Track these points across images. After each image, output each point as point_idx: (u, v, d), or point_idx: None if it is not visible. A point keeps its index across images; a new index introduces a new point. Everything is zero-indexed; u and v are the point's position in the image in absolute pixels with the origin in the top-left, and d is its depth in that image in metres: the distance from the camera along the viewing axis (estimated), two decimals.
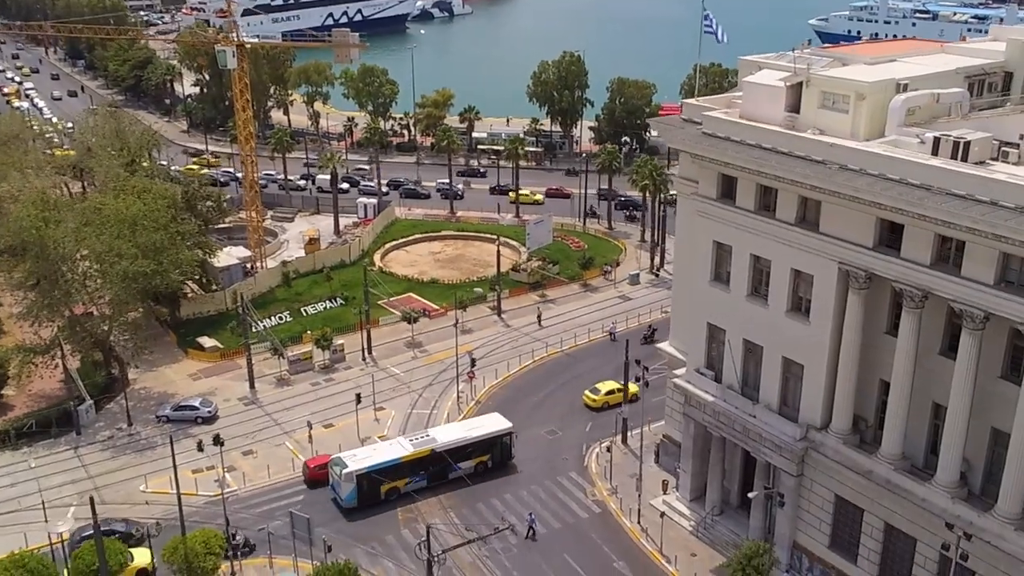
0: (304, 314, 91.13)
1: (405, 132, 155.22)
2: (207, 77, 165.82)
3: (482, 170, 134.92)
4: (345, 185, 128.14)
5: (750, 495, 52.67)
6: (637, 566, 56.29)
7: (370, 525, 60.03)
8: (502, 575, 55.56)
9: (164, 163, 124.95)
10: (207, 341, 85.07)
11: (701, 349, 57.39)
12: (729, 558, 52.20)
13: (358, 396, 70.48)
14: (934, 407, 46.87)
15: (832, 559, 51.94)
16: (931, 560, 46.60)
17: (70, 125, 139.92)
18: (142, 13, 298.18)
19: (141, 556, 54.70)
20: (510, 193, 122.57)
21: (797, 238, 49.23)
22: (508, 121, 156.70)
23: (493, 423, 66.34)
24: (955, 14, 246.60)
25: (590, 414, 72.88)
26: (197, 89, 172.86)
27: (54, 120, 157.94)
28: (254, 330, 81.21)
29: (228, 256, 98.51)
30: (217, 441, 64.06)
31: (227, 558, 55.10)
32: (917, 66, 52.29)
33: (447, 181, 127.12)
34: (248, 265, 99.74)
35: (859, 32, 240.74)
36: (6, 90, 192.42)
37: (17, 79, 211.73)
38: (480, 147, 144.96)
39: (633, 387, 69.84)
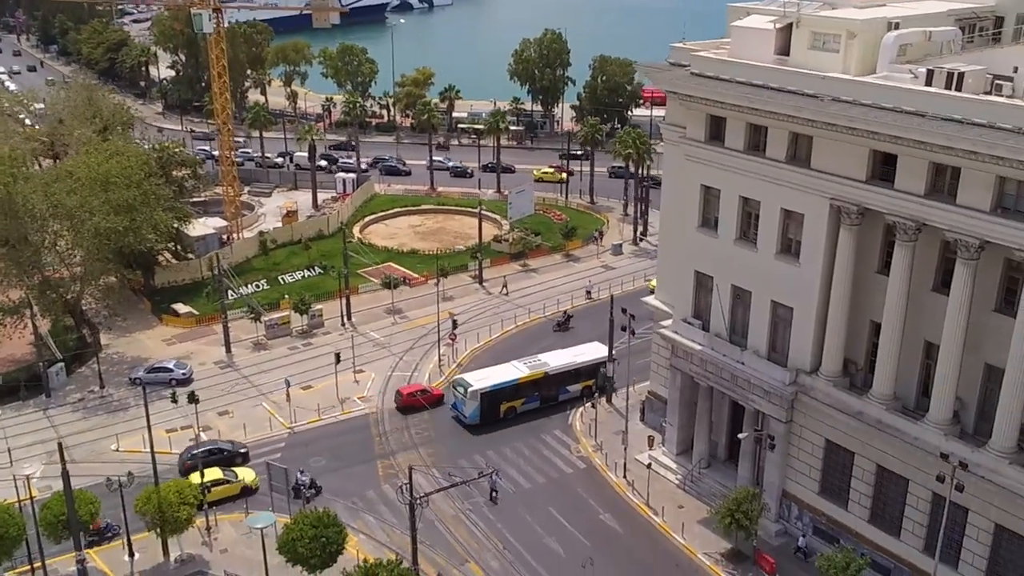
0: (282, 282, 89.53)
1: (384, 112, 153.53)
2: (183, 58, 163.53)
3: (353, 143, 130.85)
4: (323, 162, 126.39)
5: (740, 436, 51.61)
6: (623, 518, 55.19)
7: (350, 480, 58.54)
8: (486, 527, 54.26)
9: (139, 142, 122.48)
10: (182, 308, 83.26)
11: (688, 299, 56.37)
12: (717, 506, 51.12)
13: (337, 355, 69.09)
14: (926, 346, 46.05)
15: (822, 505, 51.03)
16: (923, 500, 45.79)
17: (40, 105, 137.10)
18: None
19: (244, 473, 57.78)
20: (535, 171, 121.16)
21: (788, 176, 48.34)
22: (495, 103, 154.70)
23: (598, 351, 67.97)
24: None
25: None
26: (173, 72, 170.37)
27: (24, 101, 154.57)
28: (231, 296, 79.56)
29: (203, 226, 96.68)
30: (192, 399, 62.47)
31: (201, 510, 53.64)
32: (908, 8, 51.52)
33: (440, 158, 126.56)
34: (224, 236, 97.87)
35: None
36: None
37: None
38: (460, 126, 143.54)
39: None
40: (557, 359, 67.23)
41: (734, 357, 52.83)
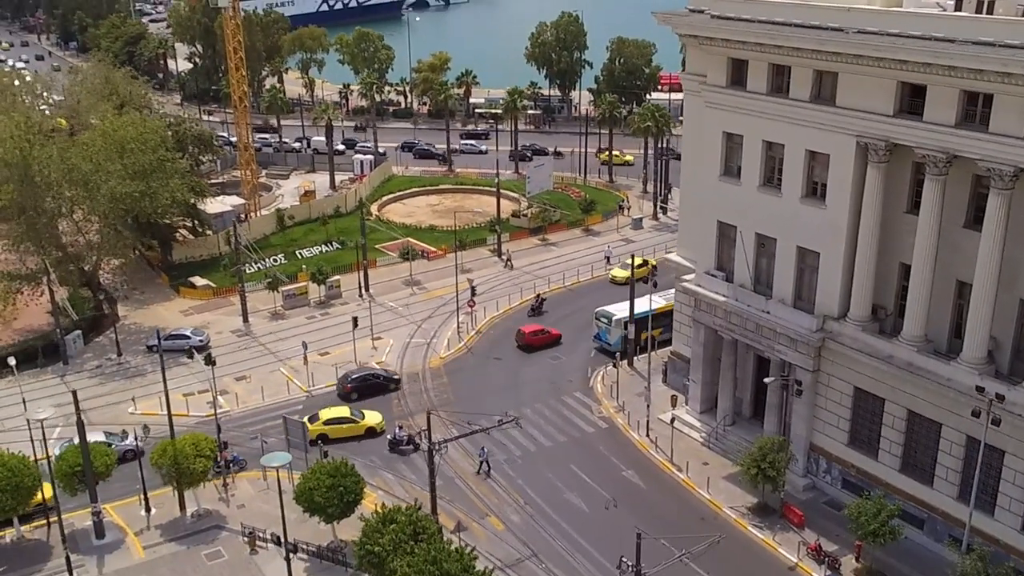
0: (299, 256, 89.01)
1: (401, 99, 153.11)
2: (200, 49, 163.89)
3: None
4: (341, 147, 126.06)
5: (766, 380, 50.40)
6: (647, 475, 54.05)
7: (369, 439, 57.81)
8: (506, 483, 53.29)
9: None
10: (199, 280, 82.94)
11: (711, 251, 55.24)
12: (741, 458, 49.82)
13: (355, 319, 68.44)
14: (958, 286, 44.76)
15: (851, 457, 49.68)
16: (957, 445, 44.38)
17: (59, 97, 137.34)
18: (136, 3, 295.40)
19: (371, 416, 58.89)
20: (600, 155, 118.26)
21: (812, 116, 47.17)
22: (516, 88, 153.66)
23: None
24: None
25: (595, 341, 70.63)
26: (190, 64, 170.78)
27: (45, 94, 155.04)
28: (253, 267, 79.21)
29: (221, 204, 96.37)
30: (209, 360, 61.76)
31: (219, 472, 53.14)
32: None
33: (472, 142, 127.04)
34: (241, 215, 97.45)
35: None
36: None
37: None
38: (478, 111, 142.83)
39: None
40: None
41: (759, 307, 51.62)
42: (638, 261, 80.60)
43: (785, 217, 49.99)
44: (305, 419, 57.82)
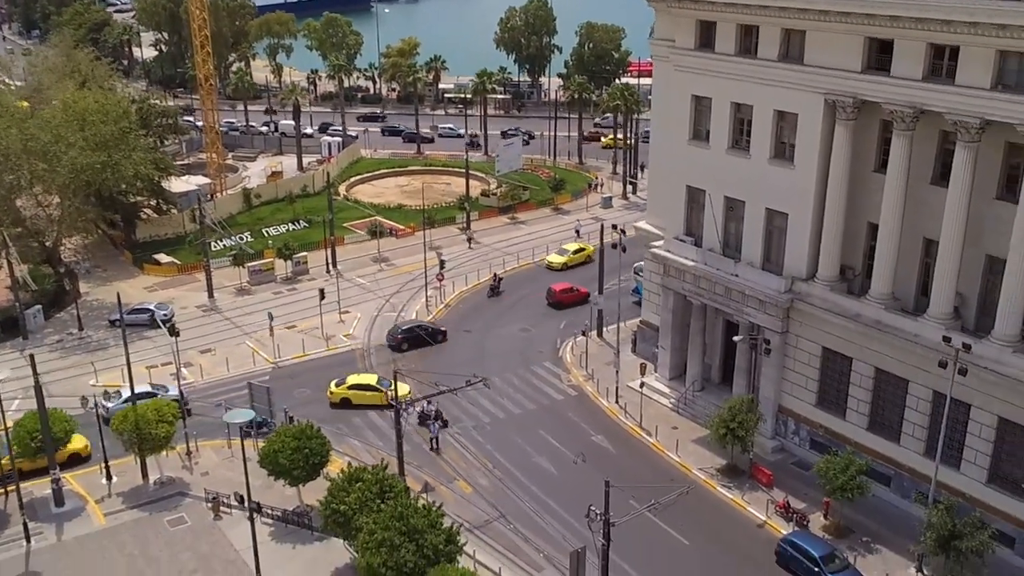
0: (266, 235, 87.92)
1: (370, 84, 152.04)
2: (165, 36, 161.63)
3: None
4: (310, 130, 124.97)
5: (735, 339, 50.33)
6: (616, 440, 53.83)
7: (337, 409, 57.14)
8: (475, 449, 52.85)
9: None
10: (164, 257, 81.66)
11: (680, 216, 55.17)
12: (711, 420, 49.67)
13: (321, 291, 67.75)
14: (925, 244, 44.96)
15: (819, 417, 49.76)
16: (924, 400, 44.56)
17: (20, 83, 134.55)
18: None
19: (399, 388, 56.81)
20: (603, 139, 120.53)
21: (781, 75, 47.14)
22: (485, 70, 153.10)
23: None
24: None
25: (564, 313, 70.38)
26: (155, 52, 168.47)
27: (6, 80, 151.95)
28: (223, 243, 78.12)
29: (186, 183, 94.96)
30: (173, 332, 60.77)
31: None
32: None
33: (449, 126, 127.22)
34: (207, 194, 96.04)
35: None
36: None
37: None
38: (447, 96, 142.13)
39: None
40: None
41: (728, 270, 51.53)
42: (576, 246, 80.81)
43: (754, 179, 49.96)
44: (333, 382, 58.34)
